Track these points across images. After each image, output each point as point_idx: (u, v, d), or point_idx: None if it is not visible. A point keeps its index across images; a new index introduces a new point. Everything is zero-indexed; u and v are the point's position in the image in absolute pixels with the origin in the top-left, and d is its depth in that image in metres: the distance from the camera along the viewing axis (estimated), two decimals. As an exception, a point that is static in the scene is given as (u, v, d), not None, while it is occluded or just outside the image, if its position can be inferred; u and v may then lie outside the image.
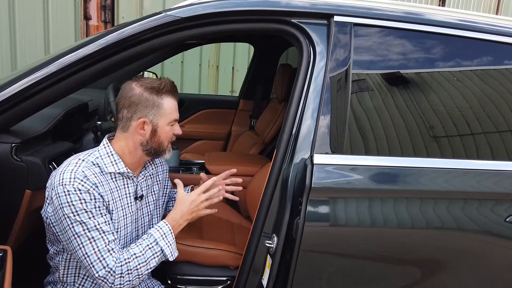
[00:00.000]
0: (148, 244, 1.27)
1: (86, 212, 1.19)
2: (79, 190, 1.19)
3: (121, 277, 1.20)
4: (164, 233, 1.30)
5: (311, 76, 1.39)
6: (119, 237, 1.31)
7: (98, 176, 1.26)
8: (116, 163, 1.31)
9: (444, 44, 1.46)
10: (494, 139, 1.47)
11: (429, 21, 1.44)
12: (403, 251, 1.42)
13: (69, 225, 1.19)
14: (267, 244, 1.37)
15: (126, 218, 1.35)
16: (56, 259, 1.35)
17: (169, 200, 1.64)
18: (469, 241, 1.44)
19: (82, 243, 1.19)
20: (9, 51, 3.72)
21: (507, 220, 1.40)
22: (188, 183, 1.66)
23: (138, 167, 1.39)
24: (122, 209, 1.33)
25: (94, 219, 1.20)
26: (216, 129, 3.32)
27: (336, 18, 1.40)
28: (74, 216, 1.18)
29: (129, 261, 1.22)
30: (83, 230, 1.19)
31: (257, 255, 1.43)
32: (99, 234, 1.20)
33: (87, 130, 1.99)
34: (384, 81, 1.44)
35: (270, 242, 1.36)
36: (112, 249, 1.21)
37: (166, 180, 1.59)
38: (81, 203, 1.19)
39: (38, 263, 1.56)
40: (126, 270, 1.21)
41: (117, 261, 1.20)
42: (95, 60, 1.33)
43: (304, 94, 1.40)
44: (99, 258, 1.19)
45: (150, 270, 1.28)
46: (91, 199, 1.21)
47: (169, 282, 1.73)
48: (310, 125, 1.37)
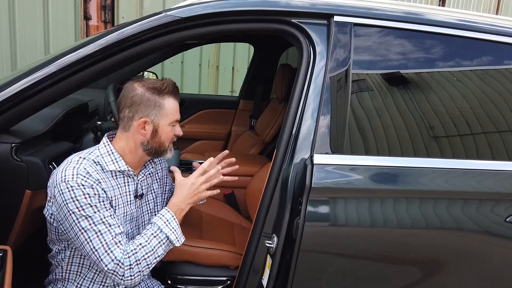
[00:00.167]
0: (153, 233, 1.27)
1: (91, 207, 1.19)
2: (83, 186, 1.20)
3: (131, 269, 1.20)
4: (167, 220, 1.30)
5: (311, 76, 1.40)
6: None
7: (100, 173, 1.27)
8: (117, 161, 1.31)
9: (444, 44, 1.46)
10: (494, 139, 1.47)
11: (429, 21, 1.44)
12: (403, 251, 1.42)
13: (75, 221, 1.19)
14: (267, 244, 1.37)
15: (126, 216, 1.35)
16: (58, 257, 1.35)
17: (171, 195, 1.64)
18: (469, 241, 1.44)
19: (89, 237, 1.19)
20: (9, 51, 3.72)
21: (507, 220, 1.40)
22: None
23: (139, 167, 1.40)
24: (123, 207, 1.34)
25: (100, 213, 1.20)
26: (216, 129, 3.32)
27: (336, 18, 1.40)
28: (79, 211, 1.18)
29: (136, 252, 1.22)
30: (89, 225, 1.19)
31: (257, 255, 1.43)
32: (106, 228, 1.20)
33: (87, 130, 1.99)
34: (384, 81, 1.44)
35: (270, 242, 1.36)
36: (119, 242, 1.21)
37: (165, 177, 1.59)
38: (85, 198, 1.19)
39: (38, 263, 1.56)
40: (135, 261, 1.21)
41: (125, 253, 1.20)
42: (95, 60, 1.33)
43: (304, 94, 1.40)
44: (107, 251, 1.19)
45: (159, 259, 1.27)
46: (95, 194, 1.21)
47: (169, 282, 1.73)
48: (310, 125, 1.37)
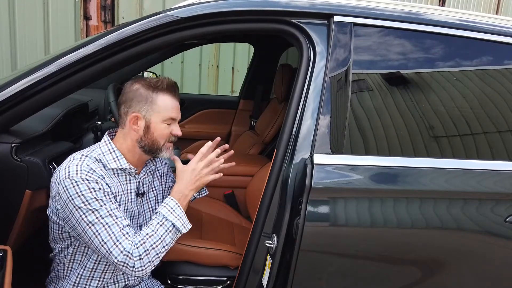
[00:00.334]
0: (158, 222, 1.27)
1: (97, 200, 1.20)
2: (87, 180, 1.20)
3: (140, 259, 1.19)
4: (171, 207, 1.29)
5: (311, 76, 1.39)
6: None
7: (103, 170, 1.28)
8: (118, 159, 1.32)
9: (444, 44, 1.46)
10: (494, 139, 1.47)
11: (429, 21, 1.44)
12: (403, 251, 1.42)
13: (82, 216, 1.19)
14: (267, 244, 1.37)
15: (128, 214, 1.36)
16: (61, 255, 1.35)
17: None
18: (469, 241, 1.43)
19: (98, 231, 1.18)
20: (9, 51, 3.72)
21: (507, 220, 1.40)
22: None
23: (140, 165, 1.40)
24: (125, 205, 1.34)
25: (106, 206, 1.20)
26: (216, 129, 3.32)
27: (336, 18, 1.40)
28: (86, 206, 1.18)
29: (144, 242, 1.21)
30: (96, 218, 1.18)
31: (257, 255, 1.43)
32: (113, 220, 1.20)
33: (87, 130, 1.99)
34: (384, 81, 1.44)
35: (270, 242, 1.36)
36: (127, 233, 1.21)
37: (167, 174, 1.58)
38: (91, 192, 1.19)
39: (38, 263, 1.56)
40: (144, 251, 1.20)
41: (133, 244, 1.20)
42: (95, 60, 1.33)
43: (304, 94, 1.40)
44: (115, 243, 1.18)
45: (168, 248, 1.27)
46: (100, 188, 1.22)
47: (169, 282, 1.73)
48: (310, 125, 1.37)
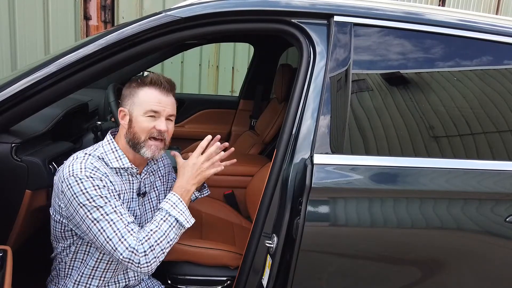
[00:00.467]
0: (162, 218, 1.27)
1: (102, 198, 1.20)
2: (91, 178, 1.20)
3: (146, 255, 1.19)
4: (174, 203, 1.29)
5: (311, 76, 1.39)
6: None
7: (106, 168, 1.28)
8: (121, 159, 1.32)
9: (444, 44, 1.46)
10: (494, 139, 1.47)
11: (429, 21, 1.44)
12: (403, 251, 1.42)
13: (86, 213, 1.19)
14: (267, 244, 1.37)
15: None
16: (63, 254, 1.35)
17: None
18: (469, 241, 1.43)
19: (103, 228, 1.19)
20: (9, 51, 3.72)
21: (507, 220, 1.40)
22: None
23: (140, 164, 1.40)
24: (127, 204, 1.35)
25: (111, 203, 1.21)
26: (216, 129, 3.30)
27: (336, 18, 1.40)
28: (90, 203, 1.19)
29: (149, 238, 1.21)
30: (101, 215, 1.19)
31: (257, 255, 1.43)
32: (118, 216, 1.20)
33: (87, 130, 1.99)
34: (384, 81, 1.44)
35: (270, 242, 1.36)
36: (132, 230, 1.21)
37: (169, 174, 1.58)
38: (95, 190, 1.20)
39: (38, 263, 1.56)
40: (149, 247, 1.20)
41: (138, 240, 1.20)
42: (95, 60, 1.33)
43: (304, 94, 1.39)
44: (121, 240, 1.18)
45: (172, 243, 1.27)
46: (104, 186, 1.22)
47: (169, 282, 1.73)
48: (310, 125, 1.37)
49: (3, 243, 1.28)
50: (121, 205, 1.24)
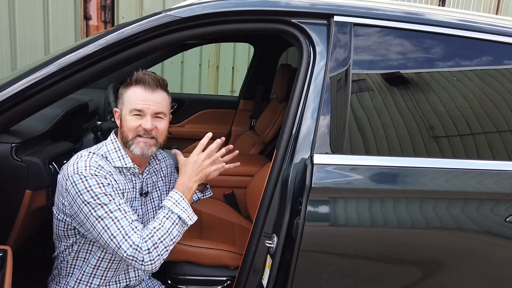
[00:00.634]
0: (164, 215, 1.27)
1: (106, 195, 1.20)
2: (96, 176, 1.21)
3: (149, 253, 1.20)
4: (176, 200, 1.30)
5: (311, 76, 1.39)
6: None
7: (110, 167, 1.29)
8: (123, 158, 1.33)
9: (444, 44, 1.46)
10: (494, 139, 1.47)
11: (429, 21, 1.44)
12: (403, 251, 1.42)
13: (91, 210, 1.19)
14: (267, 244, 1.37)
15: None
16: (66, 253, 1.36)
17: None
18: (469, 241, 1.43)
19: (107, 225, 1.19)
20: (9, 51, 3.72)
21: (507, 220, 1.40)
22: None
23: (142, 164, 1.40)
24: (130, 203, 1.35)
25: (115, 201, 1.21)
26: (216, 129, 3.31)
27: (336, 18, 1.40)
28: (95, 200, 1.19)
29: (152, 236, 1.22)
30: (106, 212, 1.19)
31: (257, 255, 1.43)
32: (122, 214, 1.21)
33: (87, 130, 1.99)
34: (384, 81, 1.44)
35: (270, 242, 1.36)
36: (136, 227, 1.21)
37: (171, 175, 1.58)
38: (100, 187, 1.20)
39: (38, 263, 1.56)
40: (152, 245, 1.20)
41: (141, 238, 1.20)
42: (95, 60, 1.33)
43: (304, 94, 1.40)
44: (125, 237, 1.18)
45: (176, 241, 1.27)
46: (109, 184, 1.23)
47: (169, 282, 1.73)
48: (310, 125, 1.37)
49: (3, 243, 1.28)
50: (125, 203, 1.25)
